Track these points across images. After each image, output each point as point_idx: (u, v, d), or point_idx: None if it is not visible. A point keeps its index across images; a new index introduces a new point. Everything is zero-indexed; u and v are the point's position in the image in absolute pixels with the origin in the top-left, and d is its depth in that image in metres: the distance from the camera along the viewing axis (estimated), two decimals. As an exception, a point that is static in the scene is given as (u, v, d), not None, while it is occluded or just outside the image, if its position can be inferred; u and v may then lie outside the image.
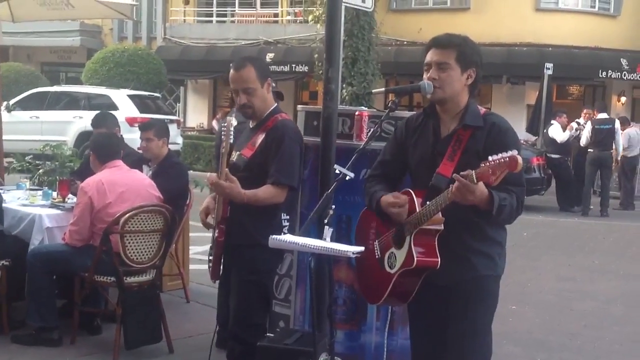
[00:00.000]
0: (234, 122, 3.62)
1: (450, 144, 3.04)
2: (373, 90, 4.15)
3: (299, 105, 4.79)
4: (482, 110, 3.14)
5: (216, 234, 3.77)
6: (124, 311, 4.75)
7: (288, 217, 3.82)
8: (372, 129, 3.78)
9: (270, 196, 3.62)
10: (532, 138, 16.31)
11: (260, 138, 3.71)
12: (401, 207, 3.01)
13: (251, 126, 3.85)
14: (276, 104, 3.86)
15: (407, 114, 3.42)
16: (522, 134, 16.61)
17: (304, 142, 3.87)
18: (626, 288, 7.74)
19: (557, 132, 13.80)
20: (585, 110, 14.28)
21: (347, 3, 4.50)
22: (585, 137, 13.42)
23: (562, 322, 6.33)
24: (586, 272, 8.46)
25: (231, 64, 3.76)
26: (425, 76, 3.08)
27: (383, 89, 4.03)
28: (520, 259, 8.77)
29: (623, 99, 21.34)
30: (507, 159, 2.63)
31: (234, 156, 3.74)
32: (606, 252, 9.94)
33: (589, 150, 13.45)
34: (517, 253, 8.97)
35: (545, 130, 14.59)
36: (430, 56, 3.08)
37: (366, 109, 4.35)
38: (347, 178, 3.17)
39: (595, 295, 7.33)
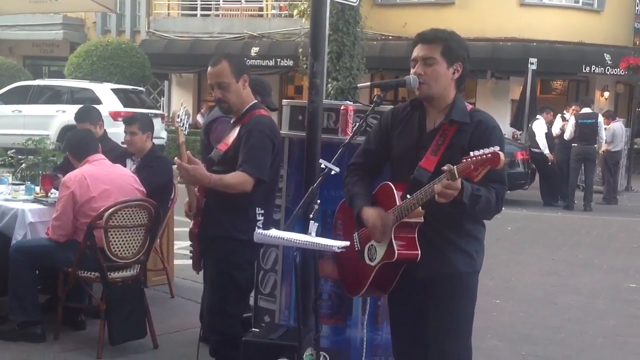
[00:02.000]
0: (180, 112, 3.75)
1: (435, 138, 3.04)
2: (358, 85, 4.12)
3: (284, 100, 4.78)
4: (469, 106, 3.15)
5: (191, 226, 3.87)
6: (108, 306, 4.72)
7: (263, 211, 3.86)
8: (357, 124, 3.79)
9: (238, 182, 3.64)
10: (519, 132, 16.40)
11: (235, 133, 3.79)
12: (378, 231, 3.02)
13: (231, 122, 3.93)
14: (255, 101, 3.92)
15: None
16: (507, 128, 16.70)
17: (280, 138, 3.93)
18: (609, 282, 7.79)
19: (540, 128, 13.89)
20: (573, 107, 14.36)
21: (332, -3, 4.48)
22: (569, 131, 13.53)
23: (546, 316, 6.37)
24: (570, 266, 8.51)
25: (209, 61, 3.86)
26: (412, 72, 3.08)
27: (368, 83, 3.99)
28: (504, 253, 8.82)
29: (606, 93, 21.50)
30: (490, 154, 2.64)
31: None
32: (590, 246, 10.00)
33: (572, 144, 13.54)
34: (501, 247, 9.02)
35: (529, 125, 14.66)
36: (416, 52, 3.09)
37: (351, 103, 4.34)
38: (333, 173, 3.17)
39: (578, 289, 7.38)
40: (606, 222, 12.20)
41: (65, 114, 14.93)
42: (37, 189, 5.58)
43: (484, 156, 2.64)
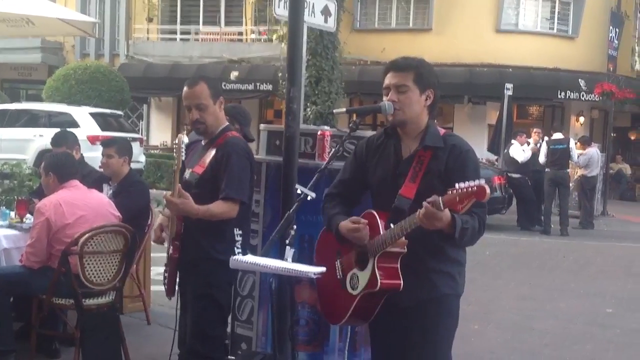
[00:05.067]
0: (185, 140, 3.79)
1: (412, 165, 3.05)
2: (334, 110, 4.17)
3: (261, 125, 4.79)
4: (442, 131, 3.17)
5: (170, 251, 3.86)
6: (83, 334, 4.66)
7: (241, 232, 3.88)
8: (334, 149, 3.80)
9: (223, 211, 3.71)
10: (494, 157, 16.54)
11: (211, 155, 3.82)
12: (361, 232, 3.01)
13: (203, 144, 3.95)
14: (228, 123, 3.98)
15: (369, 133, 3.44)
16: (484, 153, 16.82)
17: (253, 158, 3.98)
18: (586, 307, 7.83)
19: (517, 151, 14.03)
20: (535, 130, 14.76)
21: (309, 23, 4.52)
22: (542, 156, 13.74)
23: (524, 341, 6.38)
24: (547, 291, 8.55)
25: (185, 82, 3.89)
26: (384, 99, 3.10)
27: (344, 109, 4.02)
28: (481, 277, 8.83)
29: (582, 119, 21.76)
30: (475, 188, 2.64)
31: (187, 174, 3.85)
32: (566, 270, 10.06)
33: (546, 169, 13.69)
34: (478, 272, 9.03)
35: (505, 150, 14.80)
36: (388, 79, 3.10)
37: (329, 128, 4.36)
38: (309, 198, 3.17)
39: (555, 314, 7.41)
40: (583, 247, 12.28)
41: (43, 138, 14.79)
42: (12, 214, 5.52)
43: (470, 189, 2.65)
